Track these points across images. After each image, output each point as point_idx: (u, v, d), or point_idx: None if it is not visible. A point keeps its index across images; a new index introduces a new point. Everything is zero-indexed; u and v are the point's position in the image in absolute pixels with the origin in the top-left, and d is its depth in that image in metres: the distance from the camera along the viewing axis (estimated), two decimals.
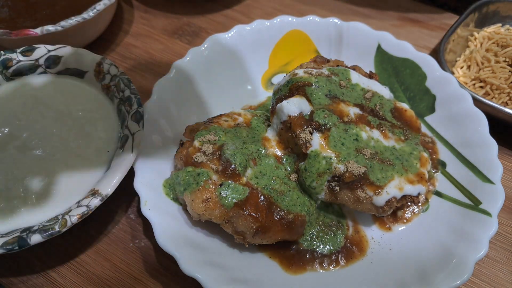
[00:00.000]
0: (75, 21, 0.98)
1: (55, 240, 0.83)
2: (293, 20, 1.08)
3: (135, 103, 0.86)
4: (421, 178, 0.81)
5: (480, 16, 1.13)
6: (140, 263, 0.82)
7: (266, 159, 0.82)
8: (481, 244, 0.74)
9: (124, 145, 0.82)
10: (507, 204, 0.90)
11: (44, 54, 0.94)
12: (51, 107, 0.90)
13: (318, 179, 0.76)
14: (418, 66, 1.00)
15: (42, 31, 0.96)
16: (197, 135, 0.82)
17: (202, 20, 1.26)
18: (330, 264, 0.79)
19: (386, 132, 0.83)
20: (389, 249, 0.81)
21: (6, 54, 0.93)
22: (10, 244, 0.70)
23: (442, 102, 0.96)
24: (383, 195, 0.77)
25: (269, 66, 1.08)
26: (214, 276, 0.70)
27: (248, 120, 0.88)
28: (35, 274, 0.80)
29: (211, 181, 0.76)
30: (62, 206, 0.77)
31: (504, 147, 0.99)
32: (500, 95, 1.01)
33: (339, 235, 0.83)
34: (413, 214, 0.85)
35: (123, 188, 0.83)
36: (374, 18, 1.26)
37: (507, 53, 1.05)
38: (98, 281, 0.80)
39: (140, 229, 0.86)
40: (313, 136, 0.77)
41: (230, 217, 0.75)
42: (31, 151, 0.84)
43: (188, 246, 0.74)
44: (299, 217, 0.77)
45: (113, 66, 0.92)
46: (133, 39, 1.20)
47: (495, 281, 0.81)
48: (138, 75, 1.11)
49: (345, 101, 0.83)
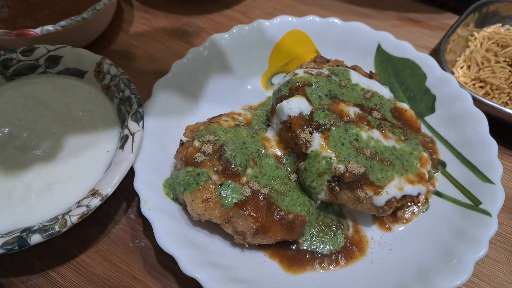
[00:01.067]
0: (75, 21, 0.98)
1: (55, 240, 0.83)
2: (293, 20, 1.08)
3: (135, 103, 0.86)
4: (421, 178, 0.81)
5: (480, 16, 1.13)
6: (140, 263, 0.82)
7: (266, 159, 0.81)
8: (481, 244, 0.74)
9: (124, 145, 0.82)
10: (507, 204, 0.90)
11: (44, 54, 0.94)
12: (51, 107, 0.90)
13: (318, 179, 0.76)
14: (418, 66, 1.00)
15: (42, 31, 0.96)
16: (197, 135, 0.82)
17: (202, 20, 1.26)
18: (330, 264, 0.79)
19: (386, 132, 0.83)
20: (389, 249, 0.81)
21: (6, 54, 0.93)
22: (10, 244, 0.70)
23: (442, 102, 0.96)
24: (383, 195, 0.77)
25: (269, 66, 1.08)
26: (214, 276, 0.70)
27: (248, 120, 0.88)
28: (35, 274, 0.80)
29: (211, 181, 0.76)
30: (62, 206, 0.77)
31: (504, 147, 0.99)
32: (500, 95, 1.01)
33: (339, 235, 0.83)
34: (413, 214, 0.85)
35: (123, 188, 0.83)
36: (374, 18, 1.26)
37: (507, 53, 1.05)
38: (98, 281, 0.80)
39: (140, 229, 0.86)
40: (313, 136, 0.77)
41: (230, 217, 0.75)
42: (31, 151, 0.84)
43: (188, 246, 0.74)
44: (299, 217, 0.77)
45: (113, 66, 0.92)
46: (133, 39, 1.20)
47: (495, 281, 0.81)
48: (138, 75, 1.11)
49: (345, 101, 0.83)
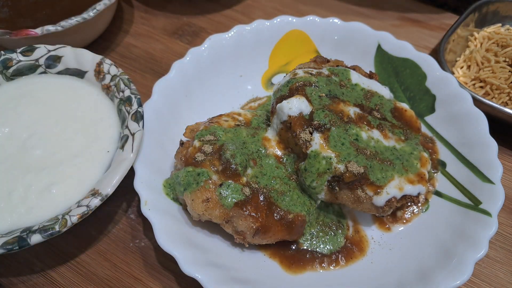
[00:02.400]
0: (75, 21, 0.98)
1: (55, 240, 0.83)
2: (293, 20, 1.08)
3: (135, 103, 0.86)
4: (422, 178, 0.81)
5: (480, 16, 1.13)
6: (140, 263, 0.82)
7: (266, 159, 0.81)
8: (481, 244, 0.74)
9: (124, 145, 0.82)
10: (507, 204, 0.90)
11: (44, 54, 0.94)
12: (51, 107, 0.90)
13: (318, 179, 0.76)
14: (418, 66, 1.00)
15: (42, 31, 0.96)
16: (197, 135, 0.82)
17: (202, 20, 1.26)
18: (330, 264, 0.79)
19: (386, 132, 0.83)
20: (389, 249, 0.81)
21: (6, 54, 0.93)
22: (10, 244, 0.70)
23: (442, 102, 0.96)
24: (383, 195, 0.77)
25: (269, 66, 1.08)
26: (214, 276, 0.70)
27: (248, 120, 0.88)
28: (35, 274, 0.80)
29: (211, 181, 0.76)
30: (62, 206, 0.77)
31: (504, 147, 0.99)
32: (500, 95, 1.01)
33: (339, 235, 0.83)
34: (413, 214, 0.85)
35: (123, 188, 0.83)
36: (374, 18, 1.26)
37: (507, 53, 1.05)
38: (98, 281, 0.80)
39: (140, 229, 0.86)
40: (313, 136, 0.77)
41: (230, 217, 0.75)
42: (31, 151, 0.84)
43: (188, 246, 0.74)
44: (299, 217, 0.77)
45: (113, 66, 0.92)
46: (133, 39, 1.20)
47: (495, 281, 0.81)
48: (138, 75, 1.11)
49: (345, 101, 0.83)
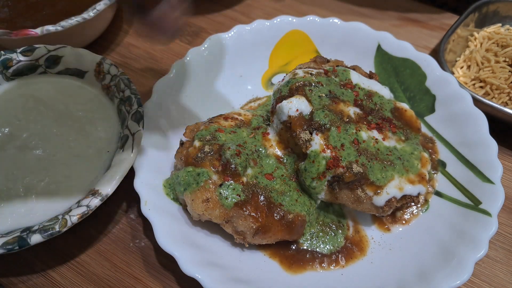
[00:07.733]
0: (75, 21, 0.98)
1: (55, 240, 0.83)
2: (293, 20, 1.08)
3: (135, 103, 0.86)
4: (422, 178, 0.81)
5: (480, 16, 1.13)
6: (140, 263, 0.82)
7: (266, 159, 0.81)
8: (481, 244, 0.74)
9: (124, 145, 0.82)
10: (507, 204, 0.90)
11: (44, 54, 0.94)
12: (51, 107, 0.90)
13: (318, 179, 0.76)
14: (418, 66, 1.00)
15: (42, 31, 0.96)
16: (197, 135, 0.82)
17: (202, 20, 1.25)
18: (330, 264, 0.79)
19: (386, 132, 0.83)
20: (389, 249, 0.81)
21: (6, 54, 0.93)
22: (10, 244, 0.70)
23: (442, 102, 0.96)
24: (383, 195, 0.77)
25: (269, 66, 1.08)
26: (214, 276, 0.70)
27: (248, 120, 0.88)
28: (35, 274, 0.80)
29: (211, 181, 0.76)
30: (62, 206, 0.77)
31: (504, 147, 0.99)
32: (500, 95, 1.01)
33: (339, 235, 0.83)
34: (413, 215, 0.85)
35: (123, 188, 0.83)
36: (374, 18, 1.26)
37: (507, 53, 1.05)
38: (98, 281, 0.80)
39: (140, 229, 0.86)
40: (313, 136, 0.77)
41: (230, 217, 0.75)
42: (31, 151, 0.84)
43: (188, 246, 0.74)
44: (299, 217, 0.77)
45: (113, 66, 0.92)
46: (133, 39, 1.20)
47: (495, 281, 0.81)
48: (138, 75, 1.11)
49: (345, 101, 0.83)
